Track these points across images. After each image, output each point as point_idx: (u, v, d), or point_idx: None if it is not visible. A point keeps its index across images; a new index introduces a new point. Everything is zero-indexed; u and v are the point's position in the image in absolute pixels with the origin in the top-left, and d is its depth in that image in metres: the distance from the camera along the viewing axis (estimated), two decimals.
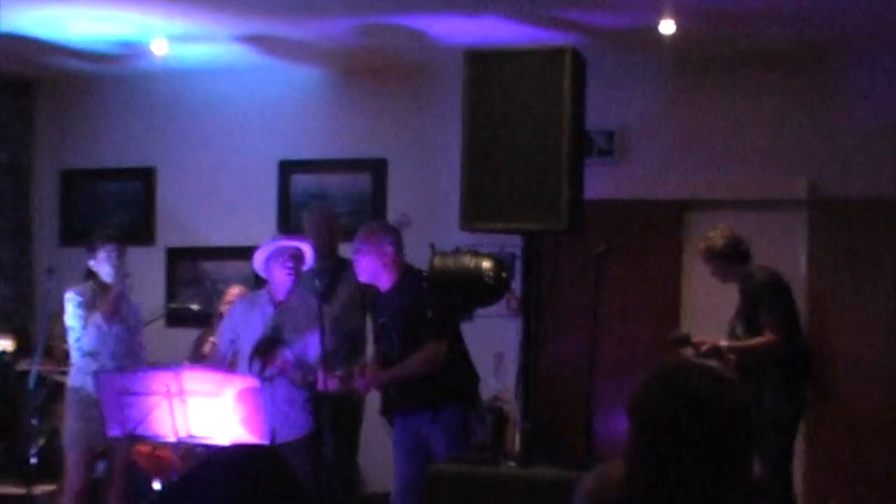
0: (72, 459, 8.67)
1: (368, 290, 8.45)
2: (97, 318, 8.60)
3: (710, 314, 9.79)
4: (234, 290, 10.25)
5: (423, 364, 7.94)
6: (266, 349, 8.16)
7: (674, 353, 9.59)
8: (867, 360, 10.23)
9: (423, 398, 8.01)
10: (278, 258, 8.27)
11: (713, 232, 9.01)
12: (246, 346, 8.34)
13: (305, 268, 8.29)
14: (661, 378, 3.09)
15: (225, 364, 8.46)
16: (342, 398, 8.54)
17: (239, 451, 2.93)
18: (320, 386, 8.11)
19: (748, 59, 10.50)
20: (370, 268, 8.14)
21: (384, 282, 8.16)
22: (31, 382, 8.29)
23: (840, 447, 10.22)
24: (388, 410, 8.27)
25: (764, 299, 8.81)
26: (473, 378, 8.30)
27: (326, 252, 9.17)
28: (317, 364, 8.03)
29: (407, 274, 8.17)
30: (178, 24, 9.85)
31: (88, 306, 8.55)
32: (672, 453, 3.00)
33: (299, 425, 8.27)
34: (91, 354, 8.64)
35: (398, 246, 8.19)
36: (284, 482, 2.65)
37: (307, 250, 8.30)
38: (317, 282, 8.12)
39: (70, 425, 8.67)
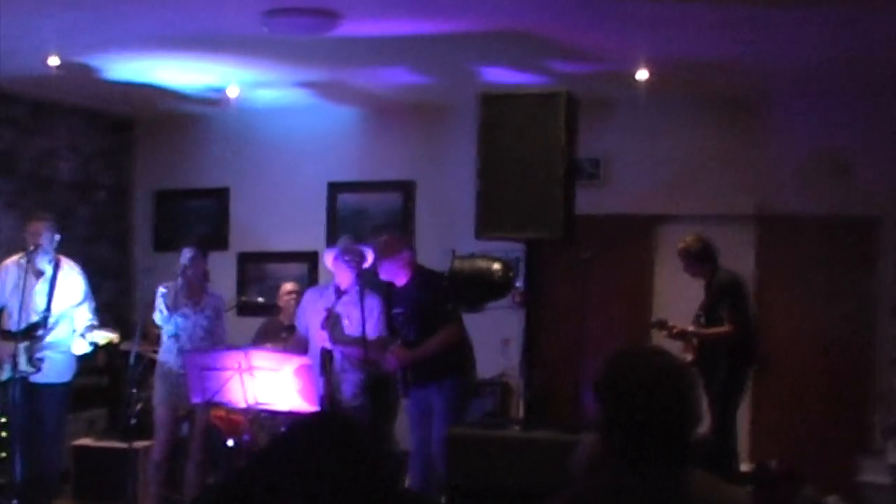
0: (159, 415, 8.73)
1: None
2: (181, 308, 8.61)
3: (675, 307, 9.74)
4: (287, 286, 10.22)
5: (442, 344, 7.98)
6: (331, 324, 8.12)
7: (643, 338, 9.61)
8: (802, 344, 10.22)
9: (431, 372, 8.06)
10: (343, 257, 8.21)
11: (689, 237, 9.06)
12: (313, 327, 8.31)
13: (365, 267, 8.22)
14: (620, 360, 3.10)
15: (303, 346, 8.44)
16: (386, 375, 8.49)
17: (317, 417, 2.86)
18: (384, 365, 8.14)
19: (707, 99, 10.47)
20: (391, 268, 8.14)
21: (400, 279, 8.16)
22: (131, 360, 8.27)
23: (779, 414, 10.21)
24: (404, 385, 8.27)
25: (725, 296, 8.84)
26: (470, 356, 8.29)
27: None
28: (371, 345, 7.96)
29: (419, 273, 8.16)
30: (249, 71, 9.82)
31: (172, 298, 8.54)
32: (632, 420, 2.99)
33: (350, 395, 8.23)
34: (174, 337, 8.65)
35: (412, 251, 8.22)
36: (361, 445, 2.57)
37: (368, 253, 8.22)
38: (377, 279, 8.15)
39: (157, 390, 8.75)
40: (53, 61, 9.28)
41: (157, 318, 8.69)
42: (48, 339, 8.46)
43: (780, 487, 9.44)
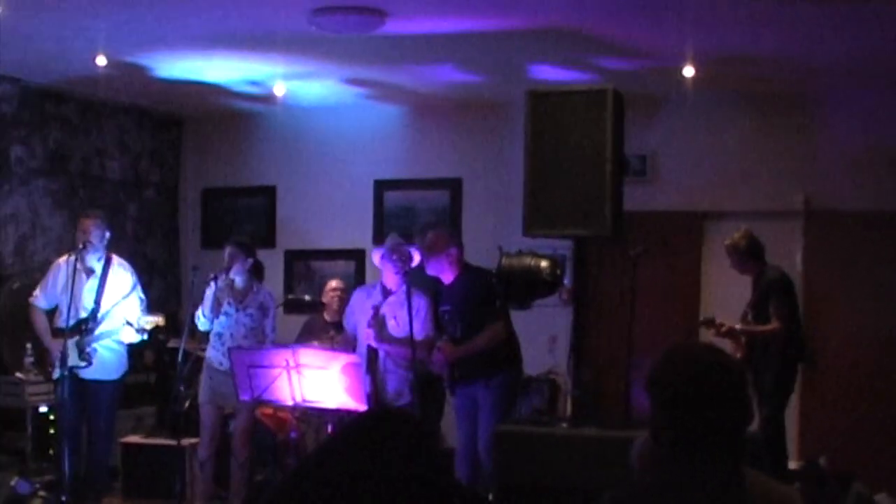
0: (204, 413, 8.78)
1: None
2: (224, 305, 8.65)
3: (723, 304, 9.69)
4: (332, 283, 10.21)
5: (489, 341, 7.95)
6: (377, 323, 8.14)
7: (690, 336, 9.57)
8: (851, 341, 10.15)
9: (479, 369, 8.02)
10: (390, 256, 8.21)
11: (737, 233, 8.99)
12: (361, 326, 8.31)
13: (413, 265, 8.21)
14: (673, 358, 3.06)
15: (351, 344, 8.45)
16: (432, 374, 8.49)
17: (374, 413, 2.87)
18: (430, 365, 8.14)
19: (755, 95, 10.42)
20: (438, 265, 8.13)
21: (447, 276, 8.15)
22: (179, 357, 8.31)
23: (829, 412, 10.17)
24: (451, 382, 8.26)
25: (773, 293, 8.76)
26: (517, 352, 8.25)
27: None
28: (419, 344, 7.97)
29: (466, 270, 8.16)
30: (297, 69, 9.85)
31: (211, 300, 8.58)
32: (685, 417, 2.97)
33: (404, 399, 8.23)
34: (218, 335, 8.69)
35: (460, 247, 8.18)
36: (419, 440, 2.57)
37: (415, 253, 8.22)
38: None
39: (202, 387, 8.80)
40: (101, 61, 9.33)
41: (199, 324, 8.70)
42: (97, 331, 8.50)
43: (829, 485, 9.39)
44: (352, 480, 2.61)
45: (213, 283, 8.51)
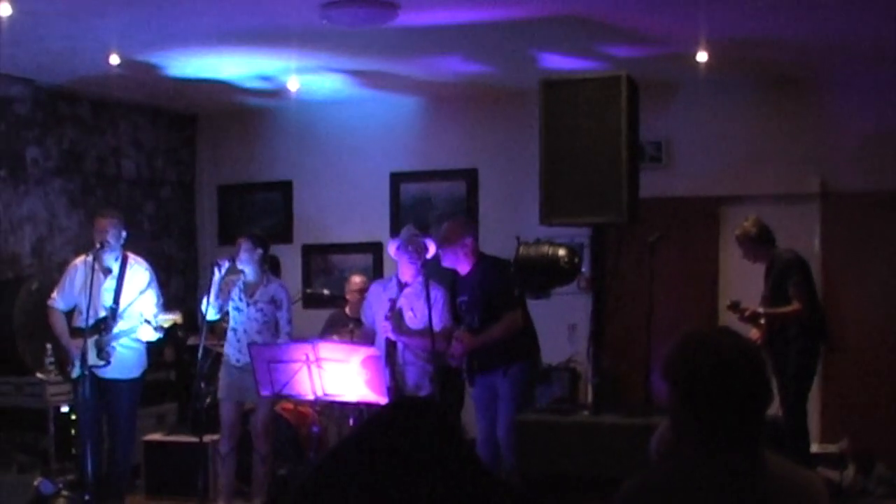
0: (223, 409, 8.79)
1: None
2: (235, 299, 8.67)
3: (741, 289, 9.69)
4: (356, 279, 10.24)
5: (506, 330, 7.97)
6: (394, 315, 8.14)
7: (708, 320, 9.57)
8: (869, 322, 10.14)
9: (497, 358, 8.05)
10: (406, 248, 8.20)
11: (746, 222, 8.98)
12: (378, 319, 8.32)
13: (428, 257, 8.20)
14: (688, 344, 3.03)
15: (371, 338, 8.45)
16: (453, 367, 8.48)
17: (401, 404, 2.86)
18: (449, 357, 8.14)
19: (769, 79, 10.42)
20: (453, 256, 8.14)
21: (463, 267, 8.17)
22: (198, 354, 8.32)
23: (849, 393, 10.16)
24: (470, 373, 8.26)
25: (791, 275, 8.74)
26: (535, 340, 8.29)
27: None
28: (437, 335, 7.96)
29: (482, 260, 8.17)
30: (309, 64, 9.85)
31: (216, 290, 8.57)
32: (703, 403, 2.95)
33: (423, 391, 8.23)
34: (233, 330, 8.72)
35: (475, 238, 8.21)
36: (445, 429, 2.56)
37: (430, 244, 8.21)
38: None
39: (221, 383, 8.83)
40: (114, 60, 9.36)
41: (204, 309, 8.67)
42: (115, 329, 8.50)
43: (851, 467, 9.39)
44: (381, 469, 2.61)
45: (216, 270, 8.49)
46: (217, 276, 8.47)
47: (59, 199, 10.86)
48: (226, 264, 8.52)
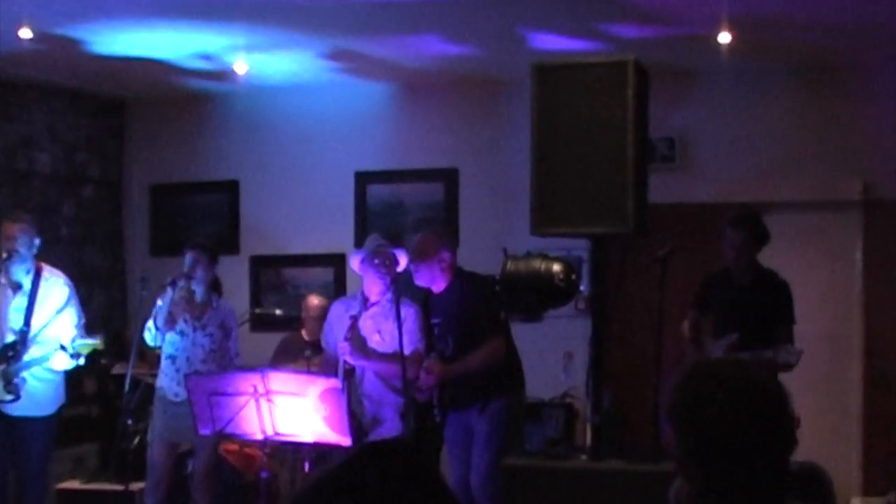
0: (153, 453, 8.78)
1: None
2: (179, 322, 8.66)
3: None
4: (314, 301, 10.27)
5: (486, 359, 8.00)
6: (353, 335, 8.13)
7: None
8: None
9: (473, 393, 8.08)
10: (371, 261, 8.19)
11: (749, 210, 8.87)
12: (337, 342, 8.26)
13: (399, 271, 8.19)
14: (695, 379, 3.01)
15: (333, 367, 8.39)
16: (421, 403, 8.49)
17: (369, 449, 2.83)
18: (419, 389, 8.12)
19: (803, 66, 10.47)
20: (429, 273, 8.15)
21: (438, 285, 8.18)
22: (125, 385, 8.31)
23: None
24: (441, 409, 8.25)
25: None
26: (519, 372, 8.31)
27: None
28: (408, 360, 7.95)
29: (459, 276, 8.19)
30: (261, 42, 9.87)
31: (165, 314, 8.56)
32: (715, 451, 2.93)
33: (388, 427, 8.24)
34: (171, 359, 8.69)
35: (453, 251, 8.23)
36: (419, 476, 2.54)
37: (401, 256, 8.20)
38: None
39: (153, 422, 8.82)
40: (25, 34, 9.34)
41: (147, 337, 8.68)
42: (26, 357, 8.41)
43: None
44: None
45: (169, 290, 8.50)
46: (167, 297, 8.49)
47: None
48: (181, 283, 8.53)
